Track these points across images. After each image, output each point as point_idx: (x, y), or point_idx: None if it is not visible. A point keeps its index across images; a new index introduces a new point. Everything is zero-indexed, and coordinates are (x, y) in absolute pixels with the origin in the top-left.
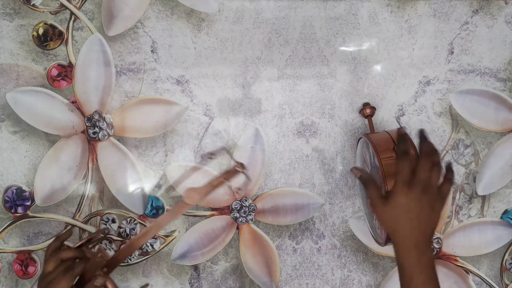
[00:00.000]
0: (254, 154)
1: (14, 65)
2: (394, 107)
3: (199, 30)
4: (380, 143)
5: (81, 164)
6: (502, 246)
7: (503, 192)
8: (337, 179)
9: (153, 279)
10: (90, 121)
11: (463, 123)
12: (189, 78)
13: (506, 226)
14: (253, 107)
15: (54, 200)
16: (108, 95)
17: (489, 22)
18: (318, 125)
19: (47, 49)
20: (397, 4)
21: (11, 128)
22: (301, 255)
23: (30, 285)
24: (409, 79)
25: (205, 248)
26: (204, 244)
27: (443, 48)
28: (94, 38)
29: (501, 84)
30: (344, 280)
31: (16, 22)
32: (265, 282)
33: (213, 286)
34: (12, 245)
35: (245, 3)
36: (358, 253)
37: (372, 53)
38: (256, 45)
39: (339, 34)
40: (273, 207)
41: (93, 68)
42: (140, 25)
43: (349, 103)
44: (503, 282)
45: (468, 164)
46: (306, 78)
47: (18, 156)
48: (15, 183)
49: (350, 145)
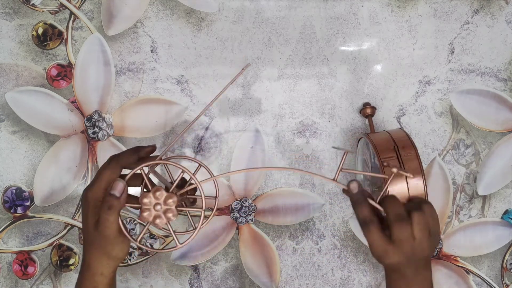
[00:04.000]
0: (254, 154)
1: (14, 65)
2: (395, 107)
3: (199, 30)
4: (381, 143)
5: (81, 164)
6: (503, 246)
7: (504, 192)
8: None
9: (152, 280)
10: (90, 121)
11: (463, 123)
12: (189, 78)
13: (506, 226)
14: (253, 107)
15: (53, 200)
16: (107, 95)
17: (489, 22)
18: (318, 125)
19: (47, 49)
20: (397, 4)
21: (10, 128)
22: (301, 256)
23: (30, 285)
24: (410, 79)
25: (205, 249)
26: (204, 244)
27: (444, 48)
28: (93, 38)
29: (502, 84)
30: (344, 281)
31: (15, 21)
32: (265, 283)
33: (213, 287)
34: (12, 245)
35: (245, 3)
36: (358, 254)
37: (372, 52)
38: (256, 44)
39: (339, 33)
40: (273, 207)
41: (93, 68)
42: (139, 24)
43: (349, 103)
44: (503, 282)
45: (468, 164)
46: (306, 78)
47: (17, 156)
48: (15, 183)
49: (350, 145)
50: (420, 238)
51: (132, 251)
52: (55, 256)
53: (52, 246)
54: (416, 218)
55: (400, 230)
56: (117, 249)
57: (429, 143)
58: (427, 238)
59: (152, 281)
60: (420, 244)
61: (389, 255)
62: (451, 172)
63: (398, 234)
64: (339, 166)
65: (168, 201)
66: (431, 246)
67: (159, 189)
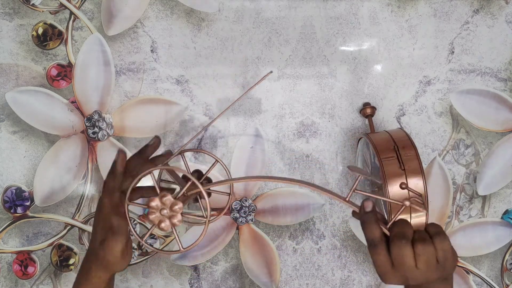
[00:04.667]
0: (254, 154)
1: (14, 65)
2: (395, 107)
3: (199, 30)
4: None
5: (81, 164)
6: (503, 246)
7: (504, 192)
8: (337, 179)
9: (152, 280)
10: (90, 121)
11: (463, 123)
12: (189, 78)
13: (506, 226)
14: (253, 107)
15: (53, 200)
16: (107, 95)
17: (489, 22)
18: (318, 125)
19: (47, 49)
20: (397, 4)
21: (10, 128)
22: (301, 256)
23: (30, 285)
24: (410, 79)
25: (205, 249)
26: (204, 245)
27: (444, 48)
28: (93, 38)
29: (502, 84)
30: (345, 281)
31: (15, 21)
32: (265, 283)
33: (213, 287)
34: (12, 245)
35: (245, 3)
36: (358, 254)
37: (372, 53)
38: (256, 44)
39: (339, 33)
40: (273, 207)
41: (93, 68)
42: (139, 24)
43: (349, 103)
44: (503, 282)
45: (468, 164)
46: (306, 78)
47: (17, 156)
48: (15, 183)
49: (350, 145)
50: (423, 269)
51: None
52: (55, 256)
53: (52, 246)
54: (419, 249)
55: (401, 256)
56: (117, 267)
57: (429, 143)
58: (434, 268)
59: (152, 281)
60: (423, 274)
61: (389, 277)
62: (451, 172)
63: (398, 258)
64: (352, 187)
65: (174, 208)
66: (438, 275)
67: (166, 194)
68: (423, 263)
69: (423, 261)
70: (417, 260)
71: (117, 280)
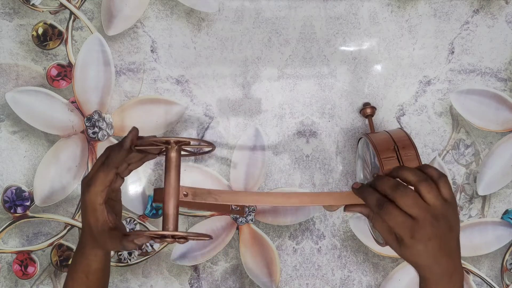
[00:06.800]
0: (254, 154)
1: (14, 65)
2: (395, 107)
3: (199, 30)
4: (381, 143)
5: (81, 164)
6: (503, 246)
7: (504, 192)
8: (337, 179)
9: (152, 280)
10: (90, 121)
11: (463, 123)
12: (189, 78)
13: (506, 226)
14: (253, 107)
15: (53, 200)
16: (107, 95)
17: (489, 22)
18: (318, 125)
19: (47, 49)
20: (397, 4)
21: (10, 128)
22: (301, 256)
23: (30, 285)
24: (410, 79)
25: (205, 249)
26: (204, 245)
27: (444, 48)
28: (93, 38)
29: (502, 84)
30: (345, 281)
31: (15, 21)
32: (265, 283)
33: (213, 287)
34: (12, 245)
35: (245, 3)
36: (358, 254)
37: (372, 53)
38: (256, 44)
39: (339, 33)
40: (273, 207)
41: (93, 68)
42: (139, 24)
43: (349, 103)
44: (503, 282)
45: (468, 164)
46: (306, 78)
47: (17, 156)
48: (15, 183)
49: (350, 145)
50: (434, 204)
51: (132, 251)
52: (55, 256)
53: (52, 246)
54: (424, 187)
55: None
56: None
57: (429, 143)
58: (442, 205)
59: (152, 281)
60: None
61: (414, 234)
62: (451, 172)
63: (407, 204)
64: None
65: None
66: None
67: (151, 238)
68: (433, 199)
69: (432, 197)
70: (424, 197)
71: (117, 280)
